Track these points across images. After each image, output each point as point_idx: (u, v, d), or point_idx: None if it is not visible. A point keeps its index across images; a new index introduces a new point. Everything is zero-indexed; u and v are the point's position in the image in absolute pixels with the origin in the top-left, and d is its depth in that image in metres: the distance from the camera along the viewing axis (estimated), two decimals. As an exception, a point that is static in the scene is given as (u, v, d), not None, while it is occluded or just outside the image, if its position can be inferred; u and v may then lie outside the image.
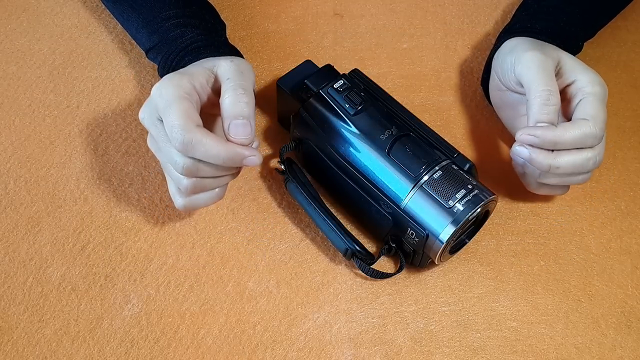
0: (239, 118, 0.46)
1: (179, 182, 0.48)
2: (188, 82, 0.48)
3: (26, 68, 0.66)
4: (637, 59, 0.68)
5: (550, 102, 0.50)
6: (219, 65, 0.50)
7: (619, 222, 0.57)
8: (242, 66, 0.50)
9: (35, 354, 0.50)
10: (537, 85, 0.51)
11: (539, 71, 0.51)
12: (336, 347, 0.51)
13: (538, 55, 0.52)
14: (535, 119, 0.50)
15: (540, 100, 0.50)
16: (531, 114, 0.51)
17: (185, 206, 0.50)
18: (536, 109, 0.50)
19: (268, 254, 0.55)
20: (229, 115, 0.47)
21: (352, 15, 0.71)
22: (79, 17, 0.70)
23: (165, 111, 0.46)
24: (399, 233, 0.51)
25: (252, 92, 0.49)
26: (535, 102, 0.50)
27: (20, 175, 0.59)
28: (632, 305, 0.53)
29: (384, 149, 0.51)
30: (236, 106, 0.47)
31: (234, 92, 0.47)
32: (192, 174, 0.47)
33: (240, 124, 0.46)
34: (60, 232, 0.56)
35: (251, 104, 0.48)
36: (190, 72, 0.49)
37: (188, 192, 0.49)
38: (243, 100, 0.47)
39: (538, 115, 0.50)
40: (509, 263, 0.55)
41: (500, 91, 0.58)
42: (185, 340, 0.51)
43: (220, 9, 0.68)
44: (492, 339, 0.51)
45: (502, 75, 0.56)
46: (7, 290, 0.53)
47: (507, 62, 0.55)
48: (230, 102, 0.47)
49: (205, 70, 0.50)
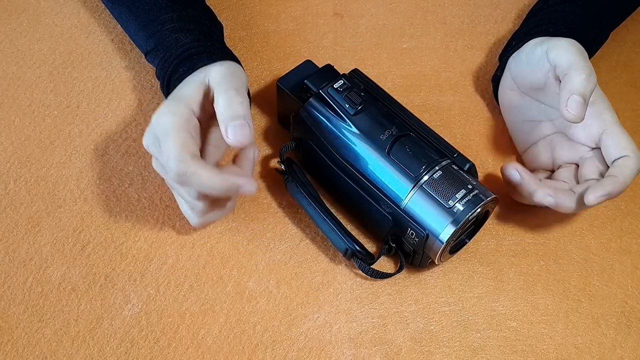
0: (235, 119, 0.46)
1: (192, 205, 0.49)
2: (185, 107, 0.48)
3: (26, 68, 0.66)
4: (637, 59, 0.68)
5: (591, 80, 0.49)
6: (210, 73, 0.50)
7: (619, 222, 0.57)
8: (232, 68, 0.50)
9: (35, 354, 0.50)
10: (579, 62, 0.49)
11: (579, 53, 0.50)
12: (336, 347, 0.51)
13: (576, 44, 0.52)
14: (572, 89, 0.48)
15: (583, 74, 0.49)
16: (568, 84, 0.49)
17: (203, 224, 0.51)
18: (577, 82, 0.48)
19: (268, 254, 0.55)
20: (225, 118, 0.46)
21: (352, 15, 0.71)
22: (79, 17, 0.70)
23: (162, 141, 0.46)
24: (399, 233, 0.51)
25: (245, 93, 0.49)
26: (576, 75, 0.49)
27: (20, 175, 0.59)
28: (632, 305, 0.53)
29: (384, 149, 0.51)
30: (230, 108, 0.47)
31: (226, 95, 0.47)
32: (205, 197, 0.48)
33: (238, 125, 0.46)
34: (60, 232, 0.56)
35: (245, 104, 0.47)
36: (186, 95, 0.49)
37: (203, 213, 0.50)
38: (236, 101, 0.47)
39: (577, 86, 0.48)
40: (509, 263, 0.55)
41: (511, 90, 0.58)
42: (185, 340, 0.51)
43: (220, 9, 0.68)
44: (492, 339, 0.51)
45: (521, 73, 0.56)
46: (7, 290, 0.53)
47: (537, 53, 0.54)
48: (224, 105, 0.47)
49: (198, 85, 0.50)
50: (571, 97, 0.49)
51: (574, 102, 0.48)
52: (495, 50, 0.68)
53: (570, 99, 0.49)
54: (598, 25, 0.60)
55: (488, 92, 0.65)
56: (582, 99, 0.48)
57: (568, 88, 0.49)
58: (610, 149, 0.51)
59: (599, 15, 0.60)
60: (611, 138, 0.51)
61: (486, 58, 0.67)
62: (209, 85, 0.50)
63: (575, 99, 0.48)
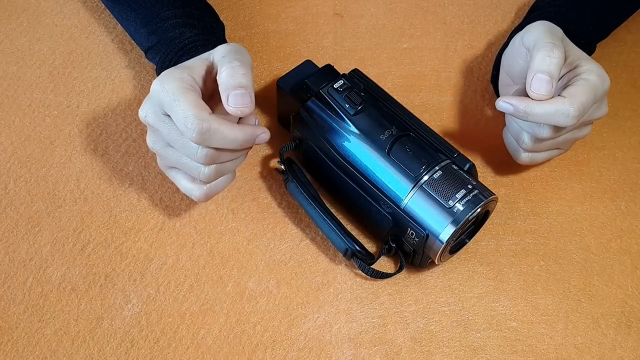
0: (237, 88, 0.45)
1: (198, 172, 0.48)
2: (188, 74, 0.47)
3: (26, 68, 0.66)
4: (637, 59, 0.67)
5: (554, 54, 0.48)
6: (215, 51, 0.49)
7: (619, 222, 0.57)
8: (238, 47, 0.49)
9: (35, 354, 0.50)
10: (542, 39, 0.49)
11: (546, 32, 0.50)
12: (336, 347, 0.51)
13: (546, 24, 0.51)
14: (535, 69, 0.48)
15: (543, 51, 0.48)
16: (531, 64, 0.48)
17: (207, 195, 0.50)
18: (538, 59, 0.48)
19: (268, 254, 0.55)
20: (227, 87, 0.46)
21: (352, 15, 0.71)
22: (79, 17, 0.70)
23: (173, 104, 0.45)
24: (399, 233, 0.51)
25: (249, 68, 0.48)
26: (537, 53, 0.48)
27: (20, 175, 0.59)
28: (632, 305, 0.53)
29: (384, 149, 0.51)
30: (233, 77, 0.46)
31: (230, 65, 0.46)
32: (213, 161, 0.47)
33: (239, 94, 0.45)
34: (60, 232, 0.56)
35: (248, 76, 0.47)
36: (189, 65, 0.49)
37: (210, 180, 0.49)
38: (239, 71, 0.46)
39: (539, 64, 0.48)
40: (509, 263, 0.55)
41: (508, 86, 0.58)
42: (185, 340, 0.51)
43: (220, 9, 0.68)
44: (492, 339, 0.51)
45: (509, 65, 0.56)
46: (7, 290, 0.53)
47: (516, 42, 0.53)
48: (227, 74, 0.46)
49: (202, 61, 0.49)
50: (534, 76, 0.48)
51: (538, 81, 0.47)
52: (495, 50, 0.68)
53: (534, 78, 0.48)
54: (597, 20, 0.60)
55: (488, 92, 0.65)
56: (547, 75, 0.47)
57: (531, 67, 0.48)
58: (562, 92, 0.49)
59: (592, 15, 0.60)
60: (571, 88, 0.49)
61: (486, 58, 0.67)
62: (212, 62, 0.49)
63: (538, 77, 0.47)
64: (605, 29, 0.63)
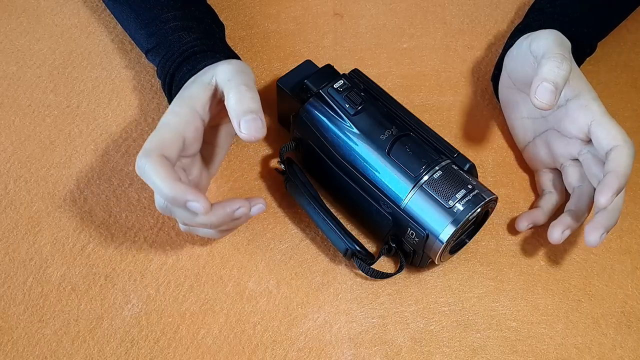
0: (247, 114, 0.46)
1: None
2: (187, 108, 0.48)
3: (26, 68, 0.66)
4: (637, 59, 0.68)
5: (563, 67, 0.48)
6: (217, 72, 0.50)
7: (619, 222, 0.57)
8: (241, 66, 0.50)
9: (35, 354, 0.50)
10: (552, 49, 0.49)
11: (556, 43, 0.50)
12: (336, 347, 0.51)
13: (557, 33, 0.51)
14: (542, 76, 0.48)
15: (554, 62, 0.48)
16: (539, 71, 0.48)
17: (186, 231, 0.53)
18: (547, 68, 0.48)
19: (268, 254, 0.55)
20: (237, 113, 0.46)
21: (352, 15, 0.71)
22: (79, 17, 0.70)
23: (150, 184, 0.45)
24: (399, 233, 0.51)
25: (255, 88, 0.49)
26: (547, 62, 0.48)
27: (20, 175, 0.59)
28: (632, 305, 0.53)
29: (384, 149, 0.51)
30: (242, 102, 0.47)
31: (237, 90, 0.47)
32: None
33: (250, 120, 0.46)
34: (60, 232, 0.56)
35: (256, 99, 0.48)
36: (191, 94, 0.49)
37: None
38: (248, 96, 0.47)
39: (547, 73, 0.48)
40: (509, 263, 0.55)
41: (508, 88, 0.58)
42: (185, 340, 0.51)
43: (220, 9, 0.68)
44: (492, 339, 0.51)
45: (514, 69, 0.56)
46: (7, 290, 0.53)
47: (523, 47, 0.54)
48: (235, 101, 0.47)
49: (204, 87, 0.49)
50: (540, 84, 0.48)
51: (543, 89, 0.48)
52: (495, 50, 0.68)
53: (539, 86, 0.48)
54: (593, 24, 0.60)
55: (488, 92, 0.65)
56: (552, 86, 0.47)
57: (538, 75, 0.48)
58: (600, 140, 0.50)
59: (592, 14, 0.60)
60: (600, 129, 0.50)
61: (486, 58, 0.67)
62: (216, 86, 0.49)
63: (544, 86, 0.48)
64: (605, 28, 0.63)
